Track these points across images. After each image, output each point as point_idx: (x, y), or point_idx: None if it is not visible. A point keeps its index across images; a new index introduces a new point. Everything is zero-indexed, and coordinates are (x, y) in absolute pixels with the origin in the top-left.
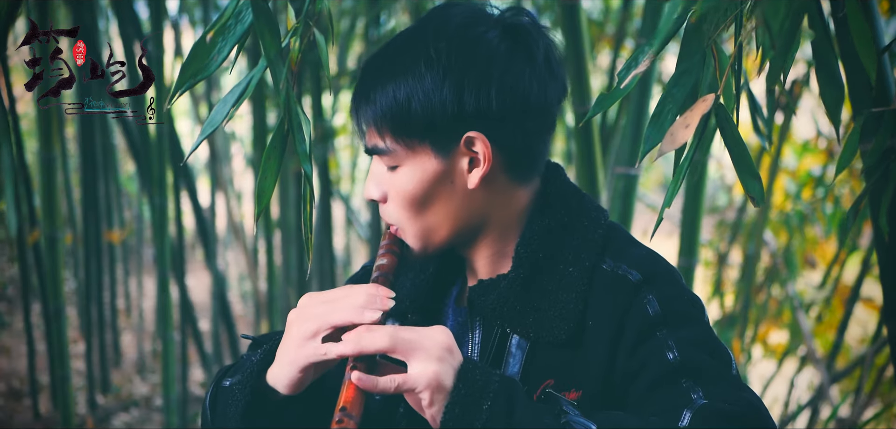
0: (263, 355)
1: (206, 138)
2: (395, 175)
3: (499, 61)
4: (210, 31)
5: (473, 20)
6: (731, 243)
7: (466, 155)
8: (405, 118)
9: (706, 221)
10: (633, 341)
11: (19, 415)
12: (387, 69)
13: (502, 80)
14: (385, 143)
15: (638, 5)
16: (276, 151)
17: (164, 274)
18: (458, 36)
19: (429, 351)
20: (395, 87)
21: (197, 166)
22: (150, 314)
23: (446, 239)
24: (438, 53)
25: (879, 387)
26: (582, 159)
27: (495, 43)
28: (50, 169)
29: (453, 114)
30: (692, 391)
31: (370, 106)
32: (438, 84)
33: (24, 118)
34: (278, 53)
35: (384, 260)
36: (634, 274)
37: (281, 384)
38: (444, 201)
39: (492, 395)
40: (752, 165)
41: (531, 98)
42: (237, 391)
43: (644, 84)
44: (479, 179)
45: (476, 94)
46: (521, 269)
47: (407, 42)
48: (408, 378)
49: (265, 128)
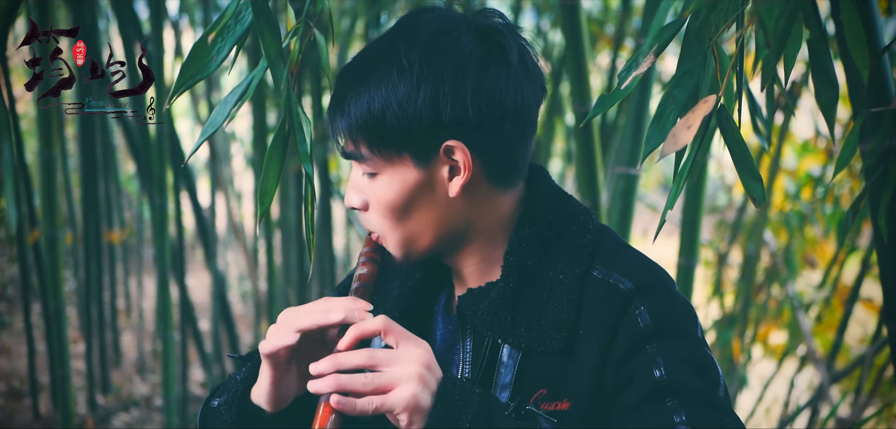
0: (247, 374)
1: (207, 139)
2: (374, 183)
3: (473, 68)
4: (211, 32)
5: (446, 27)
6: (731, 243)
7: (446, 163)
8: (381, 129)
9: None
10: (623, 354)
11: (19, 415)
12: (360, 79)
13: (478, 87)
14: (360, 152)
15: (637, 5)
16: (277, 151)
17: (164, 274)
18: (431, 44)
19: (406, 373)
20: (369, 99)
21: (197, 166)
22: (150, 314)
23: (429, 247)
24: (411, 63)
25: (879, 387)
26: (582, 159)
27: (469, 49)
28: (50, 169)
29: (430, 123)
30: (675, 414)
31: (344, 117)
32: (413, 94)
33: (24, 118)
34: (279, 54)
35: (364, 270)
36: (626, 283)
37: (263, 401)
38: (426, 210)
39: (471, 415)
40: (754, 165)
41: (508, 102)
42: (223, 412)
43: (644, 84)
44: (459, 188)
45: (452, 103)
46: (510, 278)
47: (379, 51)
48: (385, 400)
49: (265, 128)
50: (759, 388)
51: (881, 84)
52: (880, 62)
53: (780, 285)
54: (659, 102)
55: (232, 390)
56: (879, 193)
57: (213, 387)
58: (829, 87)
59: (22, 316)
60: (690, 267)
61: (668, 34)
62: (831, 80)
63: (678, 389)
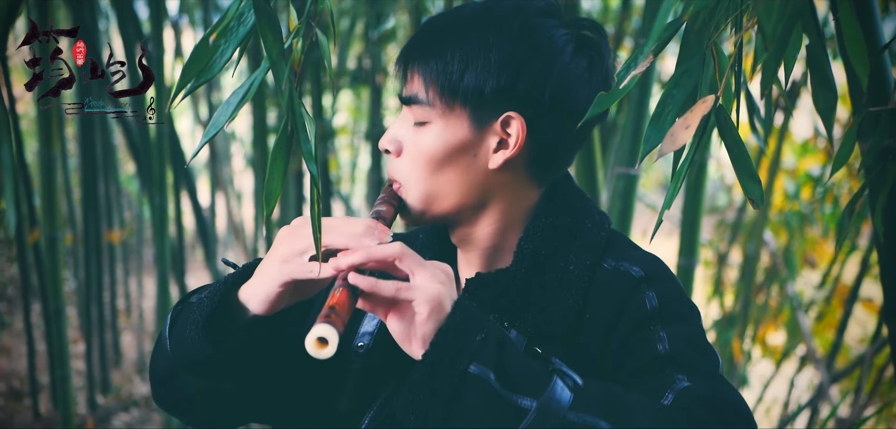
0: (241, 269)
1: (209, 140)
2: (420, 131)
3: (563, 59)
4: (213, 33)
5: (550, 11)
6: (731, 243)
7: (498, 134)
8: (457, 80)
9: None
10: (628, 331)
11: (19, 415)
12: (456, 30)
13: (561, 77)
14: (427, 95)
15: (637, 5)
16: (281, 152)
17: (164, 274)
18: (533, 23)
19: (433, 271)
20: (459, 49)
21: (197, 166)
22: (150, 314)
23: (448, 210)
24: (511, 32)
25: (879, 387)
26: (582, 159)
27: (563, 42)
28: (50, 169)
29: (504, 90)
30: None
31: (427, 57)
32: (502, 60)
33: (24, 118)
34: (281, 54)
35: (383, 207)
36: (636, 270)
37: (255, 299)
38: (461, 172)
39: (485, 331)
40: (752, 166)
41: (579, 104)
42: (205, 302)
43: (644, 83)
44: (502, 161)
45: (531, 81)
46: (522, 264)
47: (482, 13)
48: (410, 286)
49: (265, 128)
50: (759, 388)
51: (880, 83)
52: (880, 60)
53: (780, 285)
54: (657, 102)
55: (219, 283)
56: (877, 193)
57: (192, 290)
58: (828, 92)
59: (22, 316)
60: (690, 267)
61: (667, 34)
62: (830, 85)
63: (679, 360)
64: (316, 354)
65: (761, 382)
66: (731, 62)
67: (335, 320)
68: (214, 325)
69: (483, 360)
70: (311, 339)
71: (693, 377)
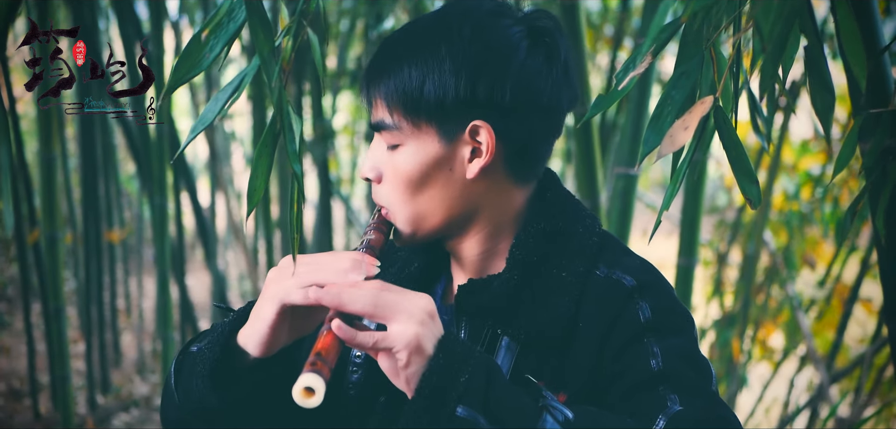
0: (236, 316)
1: (197, 135)
2: (394, 155)
3: (518, 57)
4: (205, 29)
5: (499, 11)
6: (731, 243)
7: (469, 144)
8: (417, 97)
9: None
10: (621, 344)
11: (19, 415)
12: (408, 46)
13: (519, 74)
14: (392, 118)
15: (637, 5)
16: (267, 148)
17: (164, 274)
18: (483, 23)
19: (411, 313)
20: (414, 65)
21: (197, 166)
22: (150, 314)
23: (437, 227)
24: (462, 39)
25: (879, 387)
26: (581, 159)
27: (517, 38)
28: (50, 169)
29: (465, 99)
30: (669, 399)
31: (385, 80)
32: (456, 68)
33: (24, 118)
34: (271, 52)
35: (372, 235)
36: (629, 280)
37: (252, 342)
38: (441, 188)
39: (470, 368)
40: (750, 167)
41: (543, 98)
42: (206, 352)
43: (643, 84)
44: (478, 170)
45: (491, 85)
46: (514, 270)
47: (431, 24)
48: (387, 336)
49: (265, 127)
50: (758, 388)
51: (880, 84)
52: (879, 62)
53: (780, 286)
54: (657, 103)
55: (218, 331)
56: (877, 194)
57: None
58: (826, 92)
59: (22, 316)
60: (690, 267)
61: (666, 35)
62: (827, 85)
63: (672, 378)
64: (303, 403)
65: (761, 382)
66: (730, 63)
67: (321, 368)
68: (219, 374)
69: (469, 401)
70: (297, 388)
71: (686, 399)
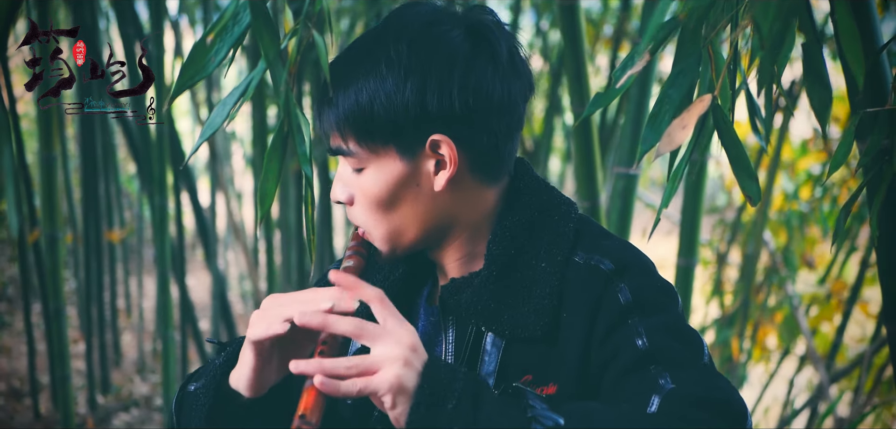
0: (226, 358)
1: (206, 140)
2: (361, 177)
3: (461, 61)
4: (210, 33)
5: (435, 20)
6: (731, 243)
7: (432, 157)
8: (368, 121)
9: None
10: (606, 329)
11: (19, 415)
12: (349, 72)
13: (465, 80)
14: (347, 146)
15: (637, 5)
16: (276, 153)
17: (165, 274)
18: (420, 36)
19: (391, 357)
20: (357, 90)
21: (197, 166)
22: (150, 314)
23: (414, 241)
24: (399, 54)
25: (878, 387)
26: (581, 159)
27: (457, 42)
28: (50, 169)
29: (417, 116)
30: (660, 377)
31: (333, 110)
32: (400, 86)
33: (24, 118)
34: (277, 55)
35: (351, 263)
36: (607, 263)
37: (242, 384)
38: (411, 204)
39: (457, 395)
40: (750, 165)
41: (495, 97)
42: (201, 395)
43: (643, 83)
44: (445, 182)
45: (439, 96)
46: (493, 266)
47: (368, 44)
48: (370, 382)
49: (265, 128)
50: (758, 388)
51: (878, 83)
52: (878, 61)
53: (780, 285)
54: (655, 102)
55: (210, 374)
56: (874, 193)
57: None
58: (823, 90)
59: (22, 316)
60: (690, 267)
61: (664, 33)
62: (825, 83)
63: (660, 356)
64: None
65: (761, 381)
66: (728, 61)
67: None
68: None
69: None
70: None
71: (676, 374)
